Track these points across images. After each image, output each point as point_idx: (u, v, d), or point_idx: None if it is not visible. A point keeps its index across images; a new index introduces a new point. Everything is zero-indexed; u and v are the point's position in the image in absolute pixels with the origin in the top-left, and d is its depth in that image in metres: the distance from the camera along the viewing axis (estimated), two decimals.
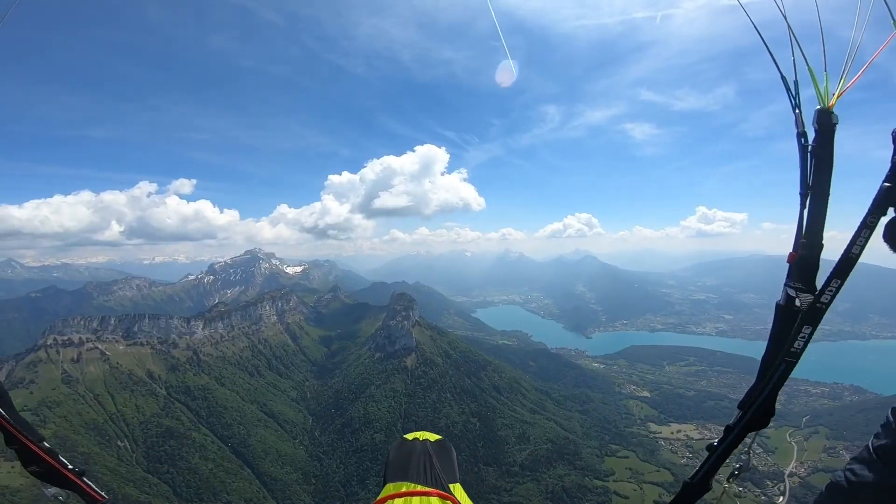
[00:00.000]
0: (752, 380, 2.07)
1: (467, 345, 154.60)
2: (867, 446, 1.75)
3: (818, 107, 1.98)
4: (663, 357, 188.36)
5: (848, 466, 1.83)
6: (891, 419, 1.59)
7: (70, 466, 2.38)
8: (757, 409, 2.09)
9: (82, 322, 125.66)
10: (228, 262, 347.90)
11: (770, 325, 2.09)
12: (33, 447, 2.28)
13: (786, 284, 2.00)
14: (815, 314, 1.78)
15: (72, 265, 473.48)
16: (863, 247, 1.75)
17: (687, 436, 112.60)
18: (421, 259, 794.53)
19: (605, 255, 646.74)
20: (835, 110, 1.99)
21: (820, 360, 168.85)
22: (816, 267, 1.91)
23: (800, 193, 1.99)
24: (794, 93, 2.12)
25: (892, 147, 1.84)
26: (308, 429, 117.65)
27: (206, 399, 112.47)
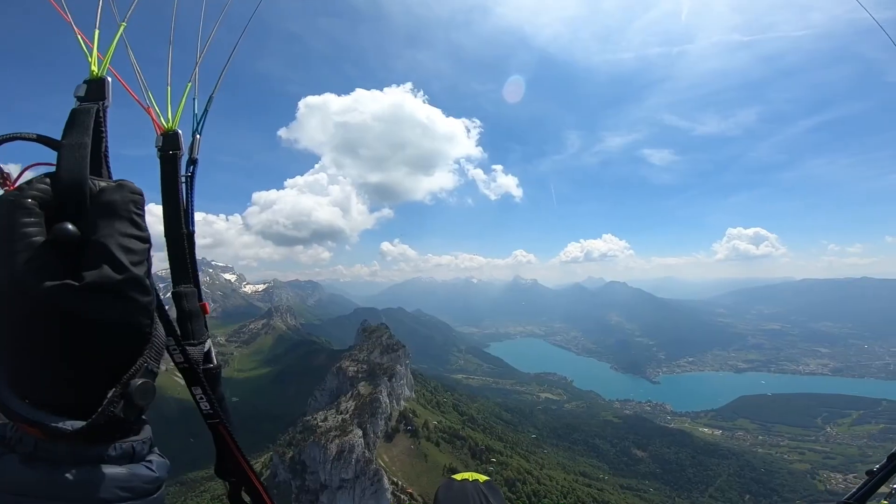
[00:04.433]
0: None
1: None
2: None
3: None
4: (805, 411, 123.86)
5: None
6: None
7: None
8: None
9: None
10: None
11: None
12: (252, 476, 1.62)
13: None
14: None
15: None
16: None
17: None
18: (422, 284, 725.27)
19: (632, 282, 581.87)
20: None
21: None
22: None
23: None
24: None
25: None
26: None
27: None
